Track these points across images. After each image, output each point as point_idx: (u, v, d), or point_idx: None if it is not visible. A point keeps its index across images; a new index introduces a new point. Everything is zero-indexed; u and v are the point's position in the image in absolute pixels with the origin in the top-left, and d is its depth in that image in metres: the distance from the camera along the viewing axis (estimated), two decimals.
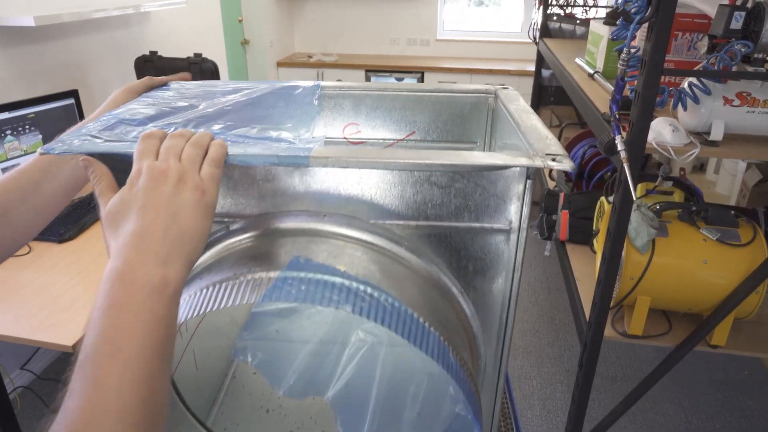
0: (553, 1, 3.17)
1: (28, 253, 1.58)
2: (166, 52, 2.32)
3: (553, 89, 3.28)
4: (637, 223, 1.34)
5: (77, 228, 1.69)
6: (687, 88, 1.20)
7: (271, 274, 0.48)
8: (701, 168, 2.45)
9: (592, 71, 1.85)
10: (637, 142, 1.13)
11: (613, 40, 1.39)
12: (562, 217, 1.84)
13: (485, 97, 0.81)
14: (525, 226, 0.56)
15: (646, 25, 1.07)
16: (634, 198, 1.09)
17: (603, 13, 3.14)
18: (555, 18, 3.11)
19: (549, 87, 3.29)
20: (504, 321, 0.62)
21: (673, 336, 1.44)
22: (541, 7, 3.10)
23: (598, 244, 1.57)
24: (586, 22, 2.95)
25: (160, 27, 2.72)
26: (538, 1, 3.32)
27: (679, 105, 1.24)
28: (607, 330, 1.40)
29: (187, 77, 0.80)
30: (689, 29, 1.44)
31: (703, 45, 1.22)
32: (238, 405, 0.78)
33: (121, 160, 0.50)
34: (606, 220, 1.45)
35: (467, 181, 0.55)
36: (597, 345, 1.39)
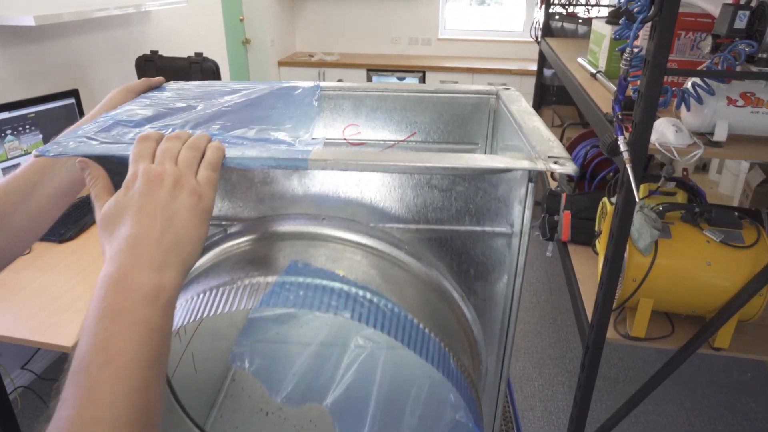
0: (555, 0, 3.16)
1: (28, 253, 1.57)
2: (166, 52, 2.32)
3: (555, 89, 3.26)
4: (640, 225, 1.33)
5: (77, 228, 1.68)
6: (690, 88, 1.19)
7: (269, 279, 0.47)
8: (704, 168, 2.44)
9: (594, 71, 1.84)
10: (640, 142, 1.12)
11: (615, 39, 1.38)
12: (564, 217, 1.83)
13: (486, 97, 0.80)
14: (527, 230, 0.55)
15: (649, 24, 1.06)
16: (637, 199, 1.08)
17: (605, 13, 3.12)
18: (557, 17, 3.10)
19: (551, 87, 3.28)
20: (506, 326, 0.62)
21: (675, 338, 1.43)
22: (543, 6, 3.08)
23: (600, 245, 1.57)
24: (588, 22, 2.94)
25: (161, 26, 2.72)
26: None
27: (683, 105, 1.23)
28: (610, 332, 1.39)
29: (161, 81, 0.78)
30: (692, 29, 1.43)
31: (706, 45, 1.22)
32: (237, 408, 0.77)
33: (118, 162, 0.49)
34: (608, 221, 1.44)
35: (468, 184, 0.54)
36: (599, 347, 1.38)
